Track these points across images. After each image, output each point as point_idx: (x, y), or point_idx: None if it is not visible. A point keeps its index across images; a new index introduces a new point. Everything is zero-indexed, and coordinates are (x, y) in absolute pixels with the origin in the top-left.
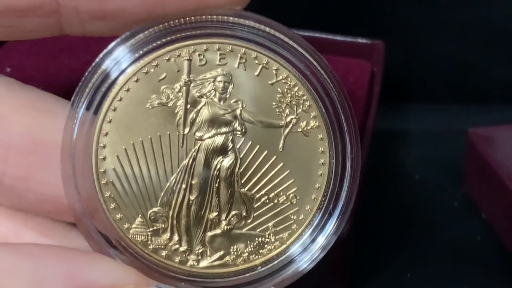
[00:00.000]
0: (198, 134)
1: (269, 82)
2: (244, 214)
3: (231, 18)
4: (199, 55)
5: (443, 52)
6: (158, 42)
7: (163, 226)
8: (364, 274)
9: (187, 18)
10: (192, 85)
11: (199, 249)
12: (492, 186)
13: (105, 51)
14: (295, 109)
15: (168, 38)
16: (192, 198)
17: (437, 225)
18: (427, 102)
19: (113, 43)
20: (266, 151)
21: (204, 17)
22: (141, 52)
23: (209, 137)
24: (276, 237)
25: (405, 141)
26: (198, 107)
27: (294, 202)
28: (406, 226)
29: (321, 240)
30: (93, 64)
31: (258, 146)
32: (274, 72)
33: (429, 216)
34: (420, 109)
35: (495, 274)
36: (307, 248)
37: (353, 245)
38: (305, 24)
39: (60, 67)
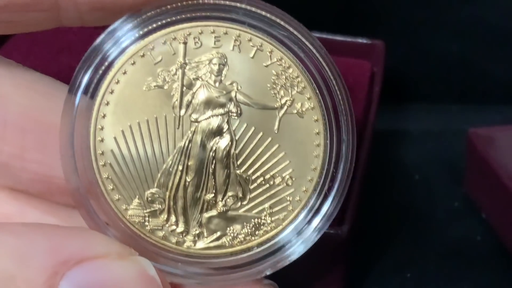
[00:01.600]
0: (194, 116)
1: (264, 64)
2: (240, 195)
3: (226, 1)
4: (194, 38)
5: (443, 52)
6: (154, 25)
7: (160, 207)
8: (364, 274)
9: (183, 2)
10: (187, 67)
11: (196, 230)
12: (492, 186)
13: (102, 35)
14: (289, 90)
15: (164, 22)
16: (188, 179)
17: (437, 225)
18: (427, 102)
19: (110, 27)
20: (261, 133)
21: (199, 0)
22: (136, 35)
23: (205, 119)
24: (272, 219)
25: (405, 141)
26: (194, 89)
27: (290, 184)
28: (406, 226)
29: (317, 221)
30: (92, 46)
31: (253, 128)
32: (268, 54)
33: (429, 216)
34: (420, 109)
35: (495, 274)
36: (303, 229)
37: (353, 245)
38: (305, 24)
39: (60, 67)
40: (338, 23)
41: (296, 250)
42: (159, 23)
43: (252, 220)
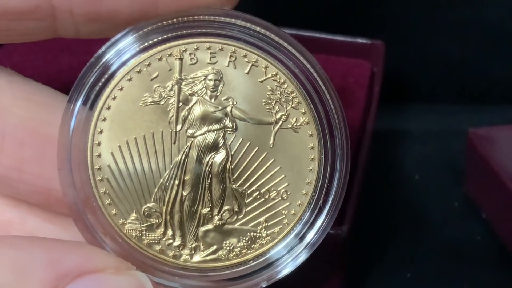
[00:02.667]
0: (190, 131)
1: (259, 80)
2: (236, 209)
3: (221, 18)
4: (190, 54)
5: (443, 52)
6: (150, 42)
7: (157, 221)
8: (364, 274)
9: (179, 18)
10: (183, 83)
11: (192, 244)
12: (492, 186)
13: (98, 52)
14: (284, 106)
15: (160, 38)
16: (185, 193)
17: (437, 225)
18: (427, 102)
19: (105, 45)
20: (257, 147)
21: (195, 17)
22: (133, 51)
23: (201, 134)
24: (268, 232)
25: (405, 141)
26: (190, 105)
27: (285, 198)
28: (406, 226)
29: (312, 234)
30: (88, 63)
31: (249, 143)
32: (263, 70)
33: (429, 216)
34: (420, 109)
35: (495, 274)
36: (298, 243)
37: (353, 245)
38: (305, 24)
39: (60, 67)
40: (339, 23)
41: (292, 263)
42: (155, 39)
43: (248, 233)
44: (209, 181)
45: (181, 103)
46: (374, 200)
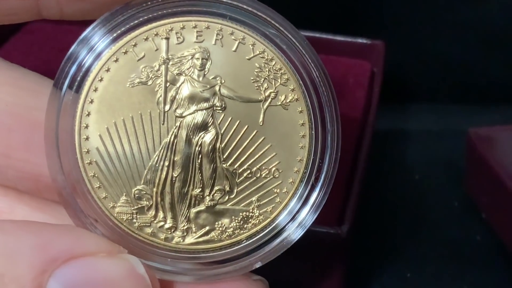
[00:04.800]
0: (178, 111)
1: (246, 57)
2: (227, 189)
3: None
4: (176, 33)
5: (443, 52)
6: (136, 21)
7: (147, 203)
8: (364, 274)
9: None
10: (170, 63)
11: (184, 225)
12: (492, 186)
13: (83, 33)
14: (273, 83)
15: (145, 17)
16: (175, 175)
17: (437, 225)
18: (427, 102)
19: (91, 26)
20: (246, 126)
21: None
22: (119, 32)
23: (190, 114)
24: (260, 211)
25: (405, 141)
26: (178, 85)
27: (277, 176)
28: (406, 226)
29: (305, 212)
30: (73, 45)
31: (238, 121)
32: (250, 47)
33: (429, 216)
34: (420, 109)
35: (495, 274)
36: (291, 221)
37: (353, 245)
38: (305, 24)
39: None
40: (339, 23)
41: (285, 241)
42: (141, 19)
43: (240, 213)
44: (199, 161)
45: (168, 83)
46: (374, 200)
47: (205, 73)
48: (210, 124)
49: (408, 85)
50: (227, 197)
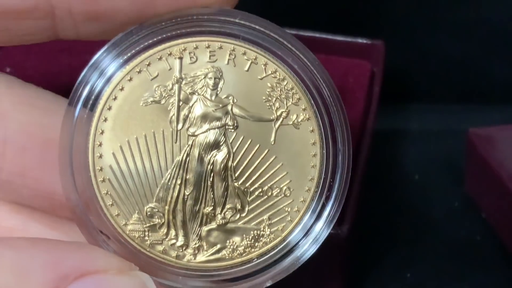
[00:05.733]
0: (191, 130)
1: (259, 77)
2: (239, 207)
3: (220, 16)
4: (189, 53)
5: (443, 52)
6: (150, 41)
7: (159, 221)
8: (364, 274)
9: (178, 18)
10: (183, 82)
11: (196, 243)
12: (492, 186)
13: (94, 58)
14: (285, 102)
15: (159, 37)
16: (187, 193)
17: (437, 225)
18: (427, 102)
19: (101, 50)
20: (258, 145)
21: (193, 16)
22: (133, 51)
23: (202, 133)
24: (271, 230)
25: (405, 141)
26: (190, 104)
27: (288, 194)
28: (406, 226)
29: (316, 231)
30: (88, 65)
31: (250, 140)
32: (263, 67)
33: (429, 216)
34: (420, 108)
35: (495, 274)
36: (302, 239)
37: (353, 245)
38: (305, 24)
39: (60, 67)
40: (339, 23)
41: (296, 260)
42: (155, 39)
43: (251, 232)
44: (211, 179)
45: (181, 102)
46: (374, 200)
47: (218, 92)
48: (222, 142)
49: (408, 85)
50: (238, 216)
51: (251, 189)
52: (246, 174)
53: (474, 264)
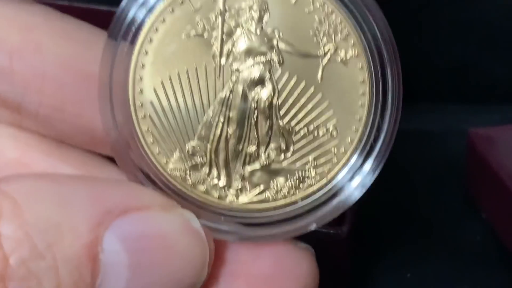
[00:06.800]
0: (235, 65)
1: (306, 10)
2: (283, 147)
3: None
4: None
5: (444, 52)
6: None
7: (201, 160)
8: (364, 274)
9: None
10: (227, 15)
11: (238, 184)
12: (492, 186)
13: None
14: (333, 37)
15: None
16: (230, 131)
17: (437, 225)
18: (427, 102)
19: None
20: (304, 82)
21: None
22: None
23: (246, 68)
24: (317, 171)
25: (405, 141)
26: (234, 38)
27: (335, 135)
28: (406, 226)
29: (363, 174)
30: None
31: (296, 77)
32: (310, 0)
33: (429, 216)
34: (420, 109)
35: (495, 274)
36: (348, 182)
37: (353, 245)
38: None
39: None
40: None
41: (342, 203)
42: None
43: (296, 172)
44: (255, 117)
45: (225, 36)
46: (374, 200)
47: (263, 26)
48: (267, 79)
49: (408, 85)
50: (282, 156)
51: (297, 129)
52: (292, 113)
53: (474, 264)
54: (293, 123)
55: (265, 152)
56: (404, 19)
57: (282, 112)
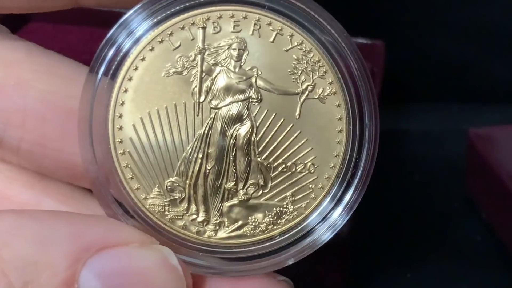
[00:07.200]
0: (213, 102)
1: (284, 49)
2: (262, 183)
3: None
4: (213, 22)
5: (443, 52)
6: (172, 10)
7: (180, 196)
8: (364, 274)
9: None
10: (206, 53)
11: (217, 219)
12: (492, 186)
13: (119, 21)
14: (311, 75)
15: (182, 6)
16: (208, 167)
17: (437, 225)
18: (427, 102)
19: (126, 14)
20: (282, 119)
21: None
22: (155, 20)
23: (225, 105)
24: (295, 207)
25: (405, 141)
26: (213, 75)
27: (312, 171)
28: (406, 226)
29: (340, 209)
30: (109, 33)
31: (274, 114)
32: (288, 38)
33: (429, 216)
34: (420, 109)
35: (495, 274)
36: (326, 217)
37: (353, 245)
38: None
39: None
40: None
41: (319, 238)
42: (177, 7)
43: (274, 208)
44: (233, 154)
45: (204, 74)
46: (374, 200)
47: (242, 64)
48: (245, 116)
49: (408, 85)
50: (261, 192)
51: (275, 165)
52: (270, 149)
53: (474, 264)
54: (271, 159)
55: (243, 188)
56: (404, 19)
57: (260, 148)
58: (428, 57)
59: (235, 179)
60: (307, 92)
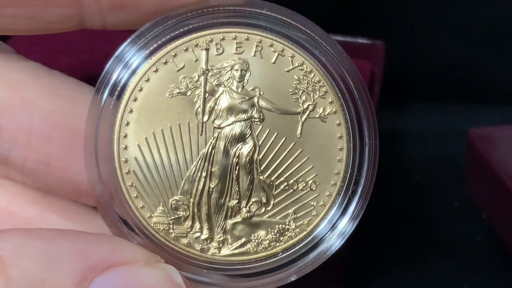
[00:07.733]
0: (217, 122)
1: (285, 69)
2: (264, 201)
3: (247, 7)
4: (216, 44)
5: (443, 52)
6: (176, 32)
7: (184, 214)
8: (364, 274)
9: (204, 9)
10: (209, 74)
11: (220, 236)
12: (492, 186)
13: (127, 41)
14: (311, 95)
15: (186, 28)
16: (212, 186)
17: (437, 225)
18: (427, 102)
19: (134, 34)
20: (284, 138)
21: (220, 7)
22: (159, 42)
23: (228, 125)
24: (297, 224)
25: (405, 141)
26: (216, 96)
27: (314, 188)
28: (406, 226)
29: (341, 225)
30: (115, 54)
31: (276, 133)
32: (290, 59)
33: (429, 216)
34: (420, 109)
35: (495, 274)
36: (328, 234)
37: (353, 245)
38: None
39: (60, 67)
40: (339, 23)
41: (321, 254)
42: (181, 30)
43: (277, 226)
44: (236, 172)
45: (207, 94)
46: (374, 200)
47: (244, 84)
48: (248, 135)
49: (408, 85)
50: (263, 209)
51: (277, 183)
52: (272, 168)
53: (474, 264)
54: (273, 177)
55: (246, 205)
56: (404, 19)
57: (262, 167)
58: (428, 57)
59: (238, 197)
60: (308, 112)
